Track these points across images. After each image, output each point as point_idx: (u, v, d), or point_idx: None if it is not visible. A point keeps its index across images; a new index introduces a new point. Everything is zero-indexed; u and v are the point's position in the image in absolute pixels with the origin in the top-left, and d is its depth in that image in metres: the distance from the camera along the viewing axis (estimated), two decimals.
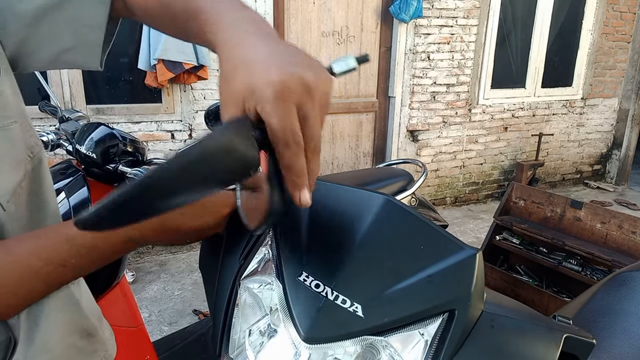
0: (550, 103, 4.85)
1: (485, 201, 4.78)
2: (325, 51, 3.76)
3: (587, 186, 5.35)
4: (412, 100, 4.12)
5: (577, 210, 2.52)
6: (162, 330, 2.52)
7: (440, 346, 0.51)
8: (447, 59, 4.18)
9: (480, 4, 4.16)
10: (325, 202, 0.60)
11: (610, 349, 1.01)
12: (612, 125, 5.36)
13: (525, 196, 2.75)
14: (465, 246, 0.55)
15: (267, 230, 0.63)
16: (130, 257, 3.22)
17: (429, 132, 4.28)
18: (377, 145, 4.22)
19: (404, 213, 0.58)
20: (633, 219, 2.33)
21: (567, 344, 0.59)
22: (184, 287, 2.96)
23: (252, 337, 0.59)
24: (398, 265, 0.54)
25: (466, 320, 0.52)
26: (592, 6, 4.78)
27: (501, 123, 4.63)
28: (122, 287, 1.45)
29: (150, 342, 1.45)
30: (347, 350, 0.52)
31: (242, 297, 0.62)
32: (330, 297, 0.52)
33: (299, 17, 3.61)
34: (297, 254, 0.57)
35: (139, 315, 1.47)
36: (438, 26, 4.06)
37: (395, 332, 0.52)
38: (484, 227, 3.92)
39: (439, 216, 2.08)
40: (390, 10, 3.74)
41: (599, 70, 5.03)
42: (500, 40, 4.44)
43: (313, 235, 0.58)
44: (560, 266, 2.46)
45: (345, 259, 0.54)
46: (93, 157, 1.30)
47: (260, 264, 0.62)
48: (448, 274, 0.53)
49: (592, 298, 1.16)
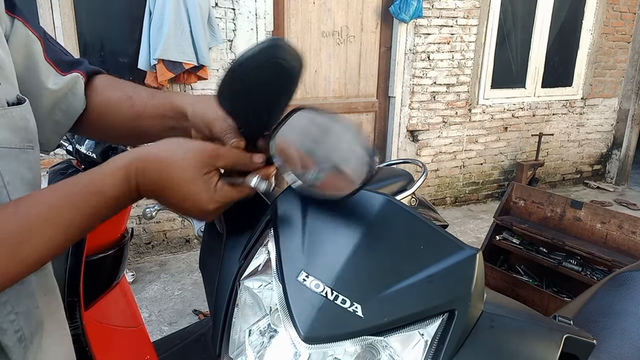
0: (550, 103, 4.85)
1: (485, 201, 4.78)
2: (325, 51, 3.76)
3: (587, 186, 5.35)
4: (412, 100, 4.12)
5: (577, 210, 2.52)
6: (162, 330, 2.52)
7: (440, 346, 0.51)
8: (447, 59, 4.18)
9: (480, 4, 4.16)
10: (325, 202, 0.60)
11: (610, 349, 1.01)
12: (612, 125, 5.36)
13: (525, 196, 2.75)
14: (466, 246, 0.55)
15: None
16: (130, 257, 3.22)
17: (429, 132, 4.28)
18: (377, 145, 4.22)
19: (404, 213, 0.58)
20: (633, 219, 2.33)
21: (568, 344, 0.59)
22: (184, 287, 2.96)
23: (252, 337, 0.59)
24: (398, 265, 0.54)
25: (466, 320, 0.52)
26: (592, 6, 4.78)
27: (501, 123, 4.63)
28: (122, 287, 1.45)
29: (150, 342, 1.45)
30: (347, 350, 0.52)
31: (242, 297, 0.62)
32: (330, 297, 0.52)
33: (299, 17, 3.61)
34: (297, 254, 0.57)
35: (139, 315, 1.47)
36: (438, 26, 4.06)
37: (395, 332, 0.52)
38: (484, 227, 3.92)
39: (439, 216, 2.08)
40: (390, 10, 3.74)
41: (599, 70, 5.03)
42: (500, 40, 4.44)
43: (313, 235, 0.58)
44: (560, 266, 2.46)
45: (345, 259, 0.54)
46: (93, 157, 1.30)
47: (260, 264, 0.62)
48: (448, 274, 0.53)
49: (592, 298, 1.16)
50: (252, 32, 3.34)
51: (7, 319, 0.54)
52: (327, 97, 3.87)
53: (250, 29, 3.33)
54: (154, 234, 3.40)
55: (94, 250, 1.32)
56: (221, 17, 3.22)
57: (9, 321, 0.54)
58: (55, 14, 2.84)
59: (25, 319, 0.56)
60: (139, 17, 2.93)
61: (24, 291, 0.57)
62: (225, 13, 3.24)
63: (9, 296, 0.55)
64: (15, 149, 0.56)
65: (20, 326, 0.56)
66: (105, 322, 1.37)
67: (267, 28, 3.38)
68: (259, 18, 3.33)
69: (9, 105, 0.55)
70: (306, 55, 3.70)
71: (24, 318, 0.56)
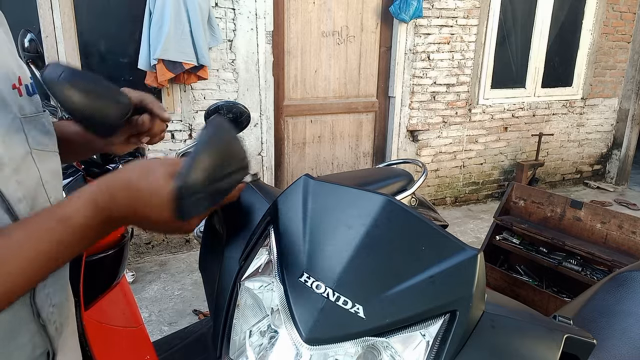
0: (550, 103, 4.85)
1: (485, 201, 4.77)
2: (325, 51, 3.76)
3: (587, 186, 5.35)
4: (412, 100, 4.12)
5: (577, 210, 2.52)
6: (162, 330, 2.52)
7: (442, 347, 0.51)
8: (447, 59, 4.18)
9: (480, 4, 4.16)
10: (325, 202, 0.60)
11: (610, 349, 1.01)
12: (612, 125, 5.36)
13: (525, 196, 2.75)
14: (466, 247, 0.55)
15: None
16: (130, 257, 3.22)
17: (429, 132, 4.28)
18: (377, 145, 4.22)
19: (405, 213, 0.58)
20: (633, 219, 2.33)
21: (568, 344, 0.59)
22: (184, 287, 2.96)
23: (252, 338, 0.59)
24: (399, 266, 0.54)
25: (467, 320, 0.52)
26: (592, 6, 4.78)
27: (501, 123, 4.63)
28: (122, 287, 1.45)
29: (150, 342, 1.45)
30: (348, 351, 0.52)
31: (243, 298, 0.62)
32: (332, 298, 0.52)
33: (299, 17, 3.60)
34: (298, 255, 0.57)
35: (139, 315, 1.47)
36: (438, 26, 4.06)
37: (397, 333, 0.52)
38: (484, 227, 3.92)
39: (439, 216, 2.07)
40: (390, 10, 3.74)
41: (599, 70, 5.03)
42: (500, 40, 4.44)
43: (314, 236, 0.58)
44: (560, 266, 2.46)
45: (346, 260, 0.54)
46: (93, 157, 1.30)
47: (260, 265, 0.62)
48: (449, 275, 0.53)
49: (592, 298, 1.16)
50: (252, 32, 3.34)
51: (49, 310, 0.58)
52: (327, 97, 3.87)
53: (250, 29, 3.33)
54: (154, 234, 3.40)
55: (94, 250, 1.32)
56: (221, 17, 3.22)
57: (50, 312, 0.58)
58: (55, 14, 2.83)
59: (59, 311, 0.60)
60: (139, 17, 2.93)
61: (59, 283, 0.61)
62: (225, 13, 3.24)
63: (49, 290, 0.58)
64: (50, 152, 0.62)
65: (56, 318, 0.60)
66: (105, 322, 1.37)
67: (267, 28, 3.38)
68: (259, 18, 3.33)
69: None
70: (306, 55, 3.70)
71: (58, 310, 0.60)
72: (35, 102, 0.63)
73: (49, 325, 0.58)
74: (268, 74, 3.46)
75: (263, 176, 3.65)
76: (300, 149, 3.91)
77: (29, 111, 0.59)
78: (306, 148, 3.93)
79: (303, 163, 3.95)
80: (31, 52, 1.70)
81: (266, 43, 3.40)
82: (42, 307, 0.57)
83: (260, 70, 3.42)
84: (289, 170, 3.92)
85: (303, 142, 3.91)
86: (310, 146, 3.94)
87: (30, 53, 1.70)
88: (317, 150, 3.98)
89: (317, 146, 3.97)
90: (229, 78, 3.35)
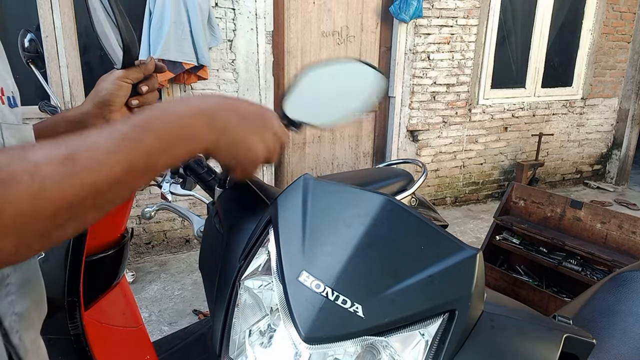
0: (550, 103, 4.85)
1: (485, 201, 4.78)
2: (325, 51, 3.76)
3: (587, 186, 5.35)
4: (412, 100, 4.12)
5: (577, 210, 2.52)
6: (162, 330, 2.52)
7: (441, 346, 0.51)
8: (447, 59, 4.18)
9: (480, 4, 4.16)
10: (325, 201, 0.60)
11: (610, 349, 1.01)
12: (612, 125, 5.36)
13: (525, 196, 2.75)
14: (466, 246, 0.55)
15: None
16: (130, 257, 3.22)
17: (429, 132, 4.29)
18: (377, 145, 4.22)
19: (404, 213, 0.58)
20: (633, 219, 2.33)
21: (567, 344, 0.59)
22: (184, 287, 2.96)
23: (252, 338, 0.59)
24: (398, 266, 0.54)
25: (467, 320, 0.52)
26: (592, 6, 4.78)
27: (501, 123, 4.63)
28: (122, 287, 1.45)
29: (150, 342, 1.45)
30: (348, 350, 0.52)
31: (242, 297, 0.62)
32: (331, 297, 0.52)
33: (299, 17, 3.61)
34: (298, 254, 0.57)
35: (139, 315, 1.47)
36: (438, 26, 4.06)
37: (396, 333, 0.52)
38: (484, 227, 3.92)
39: (439, 216, 2.07)
40: (390, 10, 3.74)
41: (599, 70, 5.03)
42: (500, 40, 4.44)
43: (313, 235, 0.58)
44: (560, 266, 2.46)
45: (346, 259, 0.54)
46: None
47: (260, 264, 0.62)
48: (448, 274, 0.53)
49: (592, 298, 1.16)
50: (252, 32, 3.34)
51: (11, 318, 0.55)
52: None
53: (250, 29, 3.33)
54: (154, 234, 3.40)
55: (93, 250, 1.32)
56: (221, 17, 3.22)
57: (13, 320, 0.55)
58: (55, 14, 2.84)
59: (21, 319, 0.57)
60: (139, 17, 2.93)
61: (25, 290, 0.58)
62: (225, 13, 3.24)
63: (12, 297, 0.56)
64: None
65: (18, 327, 0.57)
66: (105, 322, 1.37)
67: (267, 28, 3.38)
68: (259, 18, 3.33)
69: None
70: (306, 55, 3.70)
71: (20, 318, 0.57)
72: (17, 114, 0.60)
73: (12, 335, 0.56)
74: (268, 74, 3.46)
75: (263, 176, 3.65)
76: (300, 149, 3.92)
77: (9, 120, 0.57)
78: (306, 148, 3.94)
79: (303, 163, 3.95)
80: (31, 52, 1.70)
81: (266, 43, 3.40)
82: (4, 315, 0.55)
83: (260, 70, 3.42)
84: (289, 170, 3.92)
85: (303, 142, 3.91)
86: (310, 146, 3.95)
87: (30, 53, 1.70)
88: (317, 150, 3.98)
89: (317, 146, 3.97)
90: (229, 78, 3.35)
